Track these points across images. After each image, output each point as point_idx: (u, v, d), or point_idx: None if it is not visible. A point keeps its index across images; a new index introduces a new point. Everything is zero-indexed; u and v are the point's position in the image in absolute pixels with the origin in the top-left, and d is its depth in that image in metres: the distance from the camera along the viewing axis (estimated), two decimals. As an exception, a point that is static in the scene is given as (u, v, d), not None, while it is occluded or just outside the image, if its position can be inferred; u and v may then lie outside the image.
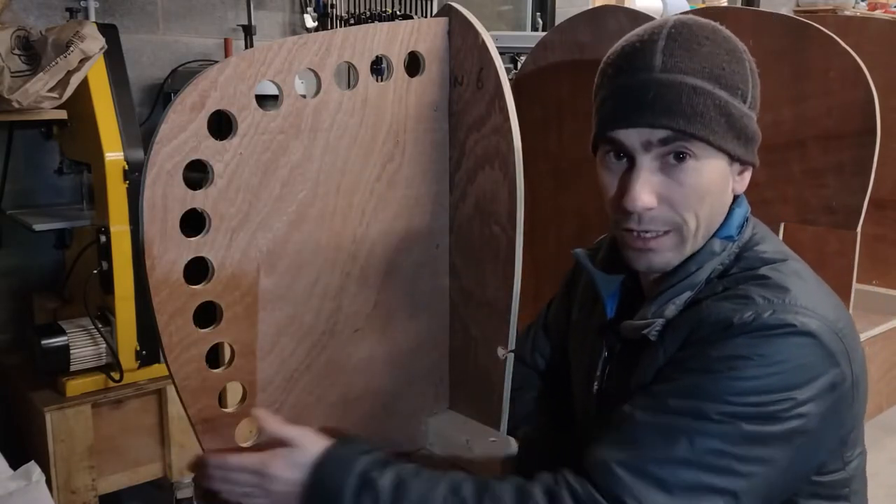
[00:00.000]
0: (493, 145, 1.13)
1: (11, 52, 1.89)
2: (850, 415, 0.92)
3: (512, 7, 3.94)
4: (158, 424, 2.13)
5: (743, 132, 0.92)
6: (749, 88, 0.93)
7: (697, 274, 0.95)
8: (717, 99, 0.89)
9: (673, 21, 0.93)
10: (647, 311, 0.97)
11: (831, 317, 0.89)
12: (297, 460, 0.92)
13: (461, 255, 1.24)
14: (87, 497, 2.01)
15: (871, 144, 1.76)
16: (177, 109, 0.93)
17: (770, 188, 1.89)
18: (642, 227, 0.93)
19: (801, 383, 0.85)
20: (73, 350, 1.96)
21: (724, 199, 0.96)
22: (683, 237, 0.94)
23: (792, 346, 0.85)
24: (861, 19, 3.47)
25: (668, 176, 0.91)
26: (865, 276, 2.36)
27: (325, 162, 1.09)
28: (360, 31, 1.08)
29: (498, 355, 1.16)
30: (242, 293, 1.04)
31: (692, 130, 0.88)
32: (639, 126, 0.90)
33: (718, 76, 0.90)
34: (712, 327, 0.88)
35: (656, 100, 0.89)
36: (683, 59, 0.89)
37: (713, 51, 0.91)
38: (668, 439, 0.85)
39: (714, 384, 0.85)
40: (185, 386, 1.01)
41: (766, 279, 0.91)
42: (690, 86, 0.89)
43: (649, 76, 0.90)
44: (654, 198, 0.91)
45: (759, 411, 0.84)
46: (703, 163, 0.91)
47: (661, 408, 0.87)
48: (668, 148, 0.90)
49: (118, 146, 1.93)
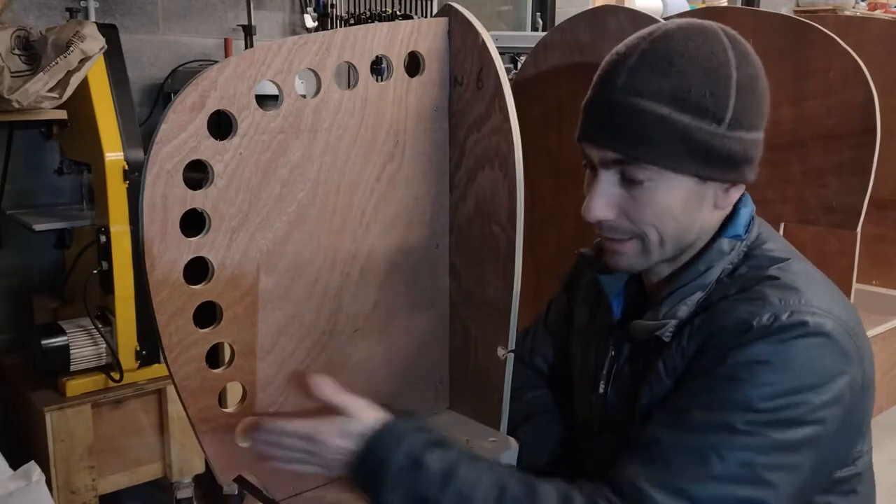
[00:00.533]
0: (493, 145, 1.13)
1: (11, 52, 1.88)
2: (860, 413, 0.92)
3: (512, 7, 3.94)
4: (158, 424, 2.13)
5: (713, 153, 0.90)
6: (728, 108, 0.89)
7: (708, 274, 0.96)
8: (675, 123, 0.88)
9: (660, 32, 0.92)
10: (657, 311, 0.97)
11: (844, 317, 0.89)
12: (350, 429, 0.90)
13: (461, 255, 1.24)
14: (87, 497, 2.01)
15: (871, 144, 1.76)
16: (177, 109, 0.93)
17: (770, 188, 1.89)
18: (604, 234, 0.97)
19: (818, 384, 0.85)
20: (73, 350, 1.96)
21: (695, 215, 0.95)
22: (646, 247, 0.95)
23: (810, 347, 0.86)
24: (861, 19, 3.47)
25: (627, 191, 0.93)
26: (865, 276, 2.36)
27: (325, 162, 1.09)
28: (360, 31, 1.08)
29: (498, 355, 1.16)
30: (242, 293, 1.04)
31: (638, 155, 0.90)
32: (594, 144, 0.93)
33: (682, 100, 0.88)
34: (731, 331, 0.89)
35: (609, 121, 0.91)
36: (647, 80, 0.89)
37: (685, 70, 0.89)
38: (698, 457, 0.85)
39: (738, 393, 0.85)
40: (185, 386, 1.01)
41: (778, 279, 0.92)
42: (644, 110, 0.89)
43: (610, 95, 0.91)
44: (611, 210, 0.93)
45: (782, 416, 0.84)
46: (660, 184, 0.91)
47: (688, 425, 0.87)
48: (621, 168, 0.92)
49: (118, 146, 1.93)
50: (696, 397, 0.89)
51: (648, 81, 0.89)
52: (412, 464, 0.87)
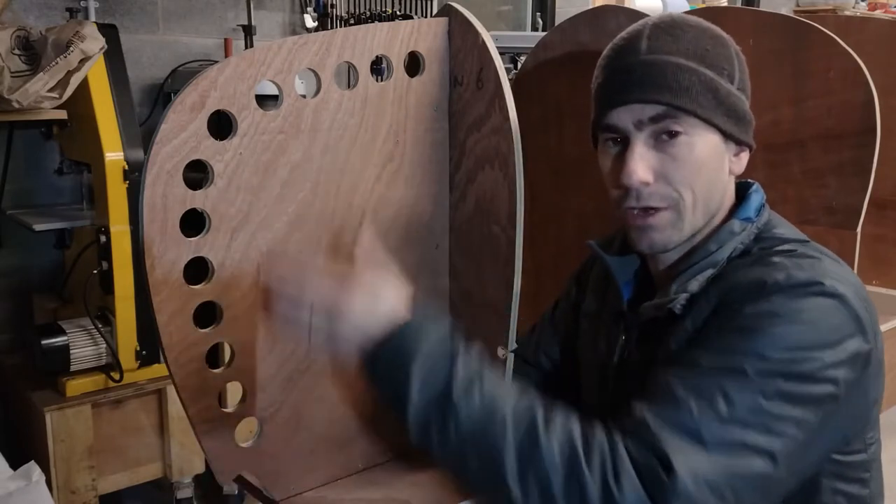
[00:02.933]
0: (493, 145, 1.13)
1: (11, 52, 1.89)
2: (873, 388, 0.93)
3: (512, 7, 3.94)
4: (158, 424, 2.13)
5: (732, 110, 0.95)
6: (735, 70, 0.96)
7: (719, 253, 0.97)
8: (702, 75, 0.93)
9: (658, 15, 0.99)
10: (668, 290, 0.98)
11: (858, 285, 0.91)
12: (379, 309, 0.84)
13: (461, 255, 1.24)
14: (87, 497, 2.01)
15: (871, 144, 1.75)
16: (177, 109, 0.93)
17: (770, 188, 1.87)
18: (641, 203, 0.96)
19: (830, 343, 0.86)
20: (73, 350, 1.96)
21: (720, 175, 0.98)
22: (681, 213, 0.96)
23: (824, 306, 0.87)
24: (861, 19, 3.47)
25: (663, 152, 0.94)
26: (865, 276, 2.36)
27: (325, 162, 1.09)
28: (360, 31, 1.08)
29: (498, 355, 1.16)
30: (242, 293, 1.04)
31: (679, 104, 0.92)
32: (628, 103, 0.94)
33: (702, 56, 0.94)
34: (745, 289, 0.90)
35: (644, 78, 0.93)
36: (667, 43, 0.94)
37: (696, 35, 0.95)
38: (707, 398, 0.83)
39: (750, 341, 0.85)
40: (185, 386, 1.01)
41: (793, 251, 0.94)
42: (675, 64, 0.93)
43: (636, 59, 0.95)
44: (650, 173, 0.94)
45: (793, 369, 0.84)
46: (694, 138, 0.94)
47: (697, 368, 0.87)
48: (660, 126, 0.94)
49: (118, 146, 1.93)
50: (708, 346, 0.89)
51: (670, 43, 0.94)
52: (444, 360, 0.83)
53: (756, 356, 0.84)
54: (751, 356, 0.84)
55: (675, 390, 0.86)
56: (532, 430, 0.81)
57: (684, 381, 0.86)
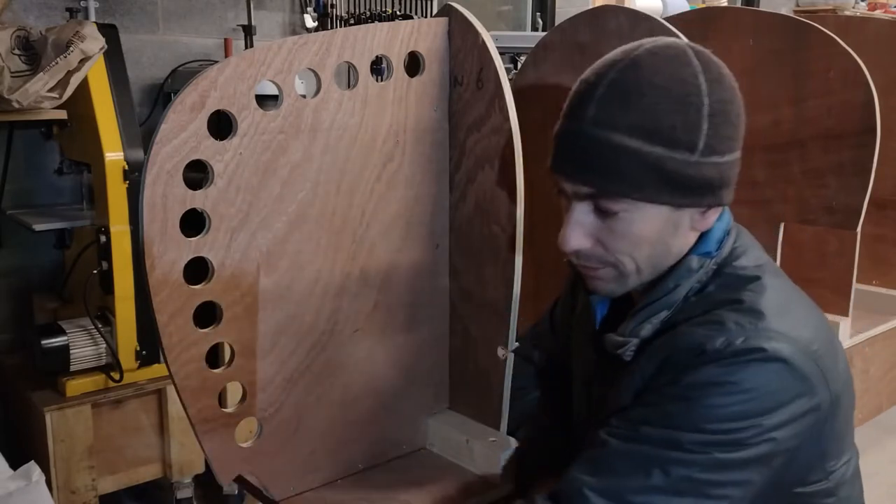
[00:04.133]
0: (493, 145, 1.13)
1: (11, 52, 1.89)
2: (830, 432, 0.92)
3: (512, 7, 3.94)
4: (158, 424, 2.13)
5: (687, 182, 0.89)
6: (701, 136, 0.88)
7: (675, 292, 0.95)
8: (647, 156, 0.88)
9: (628, 60, 0.90)
10: (626, 327, 0.97)
11: (805, 338, 0.88)
12: None
13: (461, 255, 1.24)
14: (87, 497, 2.01)
15: (871, 144, 1.76)
16: (177, 109, 0.93)
17: (770, 188, 1.89)
18: (580, 262, 0.96)
19: (770, 409, 0.85)
20: (73, 350, 1.96)
21: (671, 241, 0.94)
22: (622, 273, 0.95)
23: (763, 372, 0.85)
24: (861, 19, 3.47)
25: (601, 221, 0.92)
26: (865, 276, 2.36)
27: (325, 162, 1.09)
28: (360, 31, 1.08)
29: (498, 355, 1.16)
30: (242, 293, 1.04)
31: (611, 188, 0.89)
32: (564, 176, 0.93)
33: (653, 131, 0.87)
34: (686, 354, 0.89)
35: (580, 156, 0.90)
36: (616, 113, 0.88)
37: (655, 101, 0.87)
38: (642, 468, 0.86)
39: (686, 413, 0.86)
40: (185, 386, 1.01)
41: (741, 303, 0.90)
42: (615, 144, 0.88)
43: (580, 128, 0.90)
44: (586, 240, 0.93)
45: (730, 438, 0.85)
46: (634, 214, 0.91)
47: (635, 436, 0.88)
48: (594, 201, 0.91)
49: (118, 146, 1.93)
50: (647, 412, 0.90)
51: (618, 114, 0.88)
52: None
53: (691, 429, 0.85)
54: (685, 429, 0.85)
55: (613, 456, 0.88)
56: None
57: (622, 448, 0.88)
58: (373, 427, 1.22)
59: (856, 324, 2.10)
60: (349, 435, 1.20)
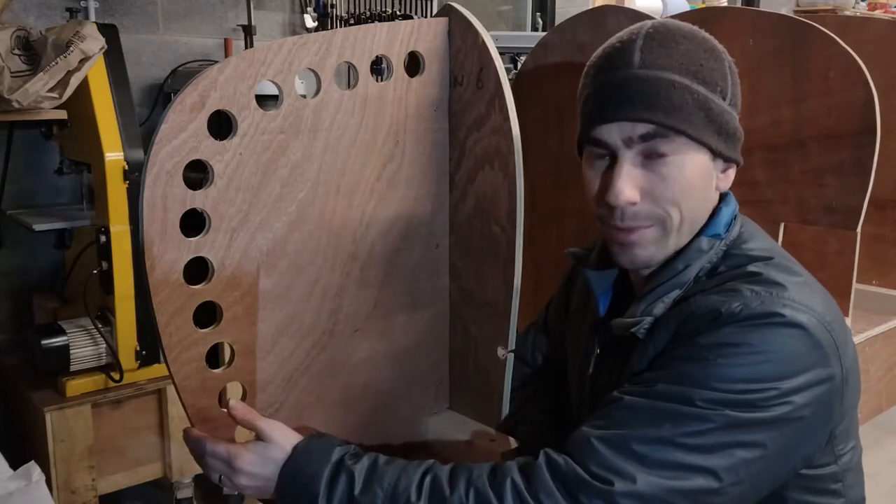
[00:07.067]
0: (493, 145, 1.13)
1: (11, 52, 1.89)
2: (839, 409, 0.92)
3: (512, 7, 3.94)
4: (158, 424, 2.13)
5: (724, 128, 0.93)
6: (728, 85, 0.94)
7: (685, 272, 0.96)
8: (696, 93, 0.91)
9: (651, 23, 0.95)
10: (636, 309, 0.97)
11: (820, 310, 0.89)
12: (268, 455, 0.95)
13: (461, 255, 1.24)
14: (87, 497, 2.01)
15: (871, 144, 1.75)
16: (177, 109, 0.93)
17: (770, 188, 1.88)
18: (626, 222, 0.95)
19: (788, 374, 0.85)
20: (73, 350, 1.96)
21: (707, 194, 0.97)
22: (666, 230, 0.95)
23: (780, 336, 0.86)
24: (861, 19, 3.47)
25: (650, 170, 0.92)
26: (865, 276, 2.36)
27: (325, 162, 1.09)
28: (360, 31, 1.08)
29: (498, 355, 1.16)
30: (242, 293, 1.04)
31: (671, 123, 0.90)
32: (619, 120, 0.92)
33: (696, 72, 0.91)
34: (701, 318, 0.89)
35: (636, 95, 0.90)
36: (661, 56, 0.91)
37: (690, 48, 0.92)
38: (651, 420, 0.85)
39: (701, 371, 0.86)
40: (185, 386, 1.01)
41: (757, 275, 0.92)
42: (669, 80, 0.90)
43: (629, 72, 0.91)
44: (637, 192, 0.92)
45: (744, 398, 0.84)
46: (684, 157, 0.92)
47: (648, 392, 0.88)
48: (649, 144, 0.91)
49: (118, 146, 1.93)
50: (662, 373, 0.90)
51: (664, 57, 0.91)
52: (338, 470, 0.91)
53: (704, 386, 0.85)
54: (700, 386, 0.85)
55: (624, 409, 0.88)
56: (439, 496, 0.87)
57: (634, 405, 0.88)
58: (373, 427, 1.22)
59: (856, 324, 2.10)
60: (349, 435, 1.20)
